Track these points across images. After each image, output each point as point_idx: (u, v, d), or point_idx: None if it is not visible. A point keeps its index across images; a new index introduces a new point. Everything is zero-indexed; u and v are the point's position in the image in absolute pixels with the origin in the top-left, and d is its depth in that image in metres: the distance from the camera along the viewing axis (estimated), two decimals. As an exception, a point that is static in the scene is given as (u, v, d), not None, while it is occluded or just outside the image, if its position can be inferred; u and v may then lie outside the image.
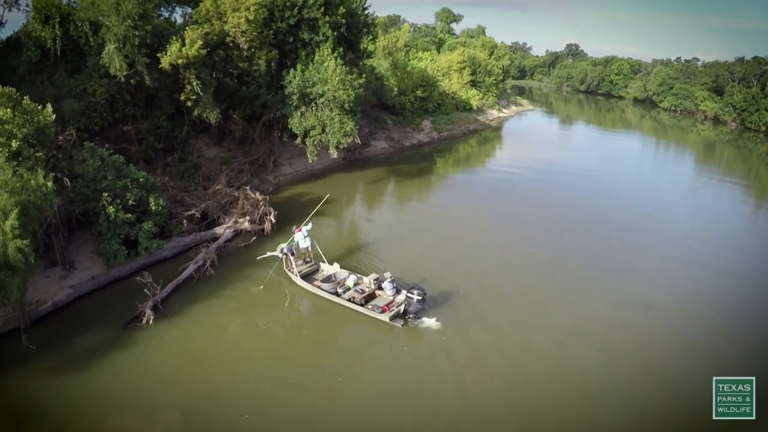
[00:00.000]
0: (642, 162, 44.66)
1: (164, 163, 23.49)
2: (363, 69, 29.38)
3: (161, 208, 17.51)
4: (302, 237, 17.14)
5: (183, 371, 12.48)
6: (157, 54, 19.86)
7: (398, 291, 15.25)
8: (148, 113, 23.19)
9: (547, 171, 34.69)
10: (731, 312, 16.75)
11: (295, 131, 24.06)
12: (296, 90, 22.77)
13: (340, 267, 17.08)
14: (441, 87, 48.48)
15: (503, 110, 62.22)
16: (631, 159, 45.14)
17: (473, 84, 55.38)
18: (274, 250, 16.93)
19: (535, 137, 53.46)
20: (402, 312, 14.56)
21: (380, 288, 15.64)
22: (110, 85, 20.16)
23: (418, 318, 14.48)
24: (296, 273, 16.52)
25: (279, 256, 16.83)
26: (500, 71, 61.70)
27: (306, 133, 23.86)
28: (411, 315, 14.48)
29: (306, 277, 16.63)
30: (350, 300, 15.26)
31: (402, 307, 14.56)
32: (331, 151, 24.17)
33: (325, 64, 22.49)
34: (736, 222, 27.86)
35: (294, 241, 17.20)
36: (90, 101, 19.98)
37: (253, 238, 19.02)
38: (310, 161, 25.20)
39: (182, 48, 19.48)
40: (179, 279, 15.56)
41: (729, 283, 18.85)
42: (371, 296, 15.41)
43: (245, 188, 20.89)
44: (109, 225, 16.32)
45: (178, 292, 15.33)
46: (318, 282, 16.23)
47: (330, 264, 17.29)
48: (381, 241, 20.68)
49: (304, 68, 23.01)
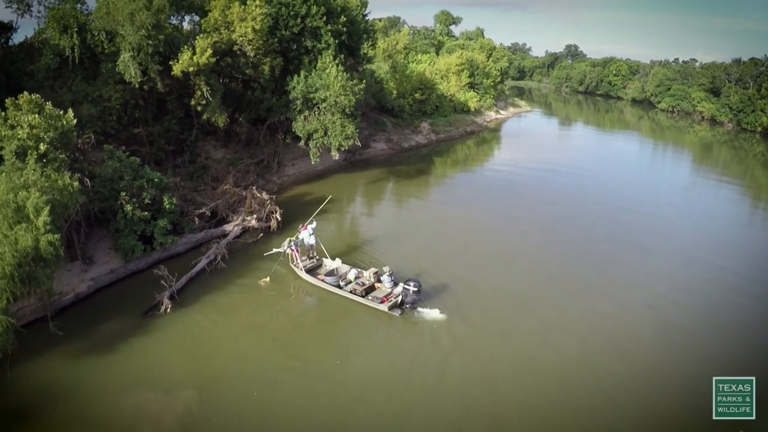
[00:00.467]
0: (639, 162, 45.40)
1: (174, 165, 24.68)
2: (363, 74, 30.56)
3: (174, 207, 18.72)
4: (307, 235, 18.32)
5: (198, 354, 13.69)
6: (170, 62, 21.06)
7: (396, 283, 16.42)
8: (159, 117, 24.40)
9: (543, 171, 35.82)
10: (731, 312, 16.94)
11: (299, 134, 25.32)
12: (300, 95, 24.03)
13: (342, 262, 18.28)
14: (439, 90, 49.58)
15: (501, 112, 63.34)
16: (628, 160, 45.85)
17: (471, 86, 56.49)
18: (280, 247, 18.13)
19: (532, 138, 54.50)
20: (399, 302, 15.73)
21: (379, 281, 16.84)
22: (125, 91, 21.36)
23: (415, 308, 15.65)
24: (301, 267, 17.70)
25: (285, 252, 18.00)
26: (498, 73, 62.80)
27: (309, 136, 25.10)
28: (408, 305, 15.65)
29: (310, 272, 17.80)
30: (352, 292, 16.44)
31: (399, 298, 15.73)
32: (333, 153, 25.39)
33: (327, 71, 23.72)
34: (735, 222, 28.38)
35: (299, 238, 18.36)
36: (106, 106, 21.18)
37: (261, 235, 20.27)
38: (313, 162, 26.43)
39: (193, 56, 20.68)
40: (193, 272, 16.80)
41: (728, 283, 19.05)
42: (371, 288, 16.60)
43: (252, 188, 22.11)
44: (127, 222, 17.52)
45: (192, 284, 16.57)
46: (321, 276, 17.43)
47: (332, 259, 18.49)
48: (380, 238, 21.86)
49: (307, 74, 24.24)
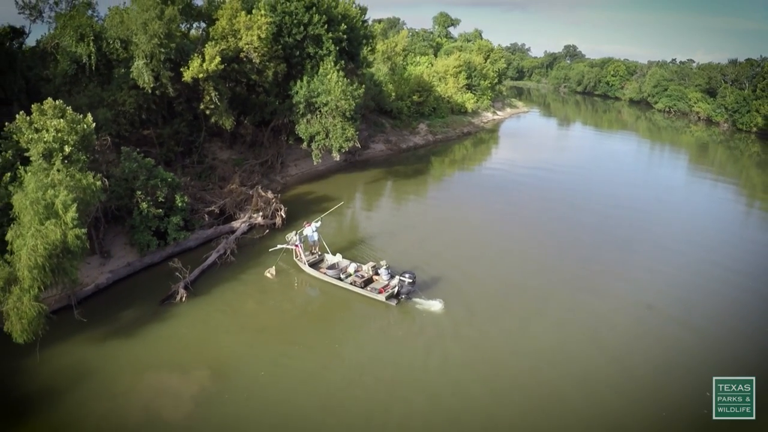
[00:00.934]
0: (634, 162, 46.27)
1: (182, 165, 25.98)
2: (362, 78, 31.84)
3: (185, 205, 20.06)
4: (311, 231, 19.62)
5: (211, 338, 15.00)
6: (180, 68, 22.35)
7: (392, 276, 17.72)
8: (169, 120, 25.71)
9: (537, 171, 37.04)
10: (731, 312, 17.12)
11: (302, 136, 26.66)
12: (303, 99, 25.38)
13: (342, 257, 19.58)
14: (437, 91, 50.81)
15: (498, 112, 64.57)
16: (623, 160, 46.73)
17: (469, 87, 57.73)
18: (284, 243, 19.45)
19: (528, 139, 55.64)
20: (396, 293, 17.02)
21: (377, 273, 18.16)
22: (138, 96, 22.67)
23: (410, 298, 16.95)
24: (305, 262, 19.01)
25: (289, 247, 19.30)
26: (495, 75, 64.03)
27: (312, 138, 26.45)
28: (403, 295, 16.95)
29: (313, 266, 19.11)
30: (351, 284, 17.75)
31: (396, 289, 17.02)
32: (334, 155, 26.73)
33: (329, 76, 25.05)
34: (734, 222, 29.03)
35: (303, 234, 19.66)
36: (120, 110, 22.47)
37: (266, 231, 21.66)
38: (315, 163, 27.77)
39: (202, 63, 21.98)
40: (205, 264, 18.16)
41: (728, 283, 19.27)
42: (369, 280, 17.92)
43: (258, 187, 23.44)
44: (142, 219, 18.84)
45: (204, 276, 17.94)
46: (323, 269, 18.75)
47: (333, 255, 19.78)
48: (378, 235, 23.18)
49: (310, 80, 25.57)
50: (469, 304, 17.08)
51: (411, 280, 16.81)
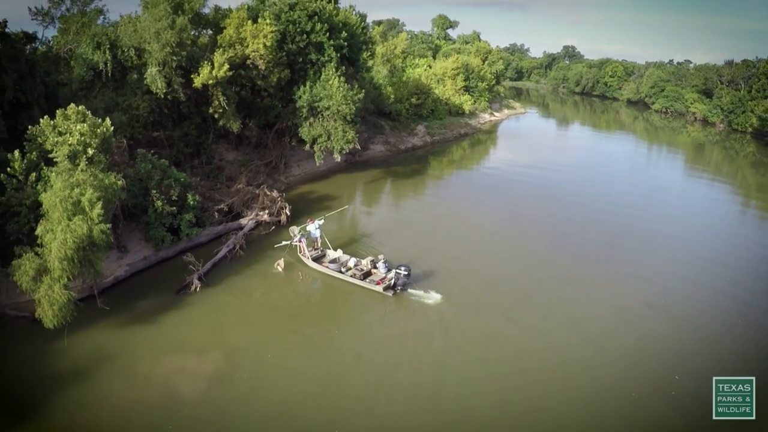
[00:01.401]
0: (631, 163, 47.03)
1: (191, 165, 27.38)
2: (362, 82, 33.25)
3: (197, 203, 21.44)
4: (314, 228, 21.00)
5: (223, 325, 16.43)
6: (191, 75, 23.75)
7: (389, 269, 19.08)
8: (179, 123, 27.11)
9: (531, 171, 38.36)
10: (731, 312, 17.22)
11: (305, 138, 28.11)
12: (306, 104, 26.83)
13: (343, 252, 20.98)
14: (435, 94, 52.11)
15: (495, 114, 65.88)
16: (617, 160, 47.69)
17: (466, 89, 59.02)
18: (288, 240, 20.86)
19: (524, 140, 56.72)
20: (392, 285, 18.40)
21: (375, 267, 19.54)
22: (151, 101, 24.08)
23: (405, 289, 18.33)
24: (308, 257, 20.42)
25: (293, 243, 20.71)
26: (492, 77, 65.32)
27: (314, 140, 27.91)
28: (399, 287, 18.35)
29: (316, 260, 20.49)
30: (351, 276, 19.16)
31: (392, 281, 18.40)
32: (336, 156, 28.17)
33: (330, 82, 26.47)
34: (730, 221, 29.58)
35: (306, 231, 21.04)
36: (134, 114, 23.87)
37: (272, 228, 23.13)
38: (317, 164, 29.20)
39: (212, 70, 23.38)
40: (216, 258, 19.60)
41: (728, 283, 19.41)
42: (368, 273, 19.33)
43: (263, 187, 24.86)
44: (157, 216, 20.24)
45: (216, 268, 19.39)
46: (326, 263, 20.16)
47: (334, 250, 21.17)
48: (377, 231, 24.58)
49: (312, 85, 26.98)
50: (461, 296, 18.43)
51: (406, 273, 18.21)
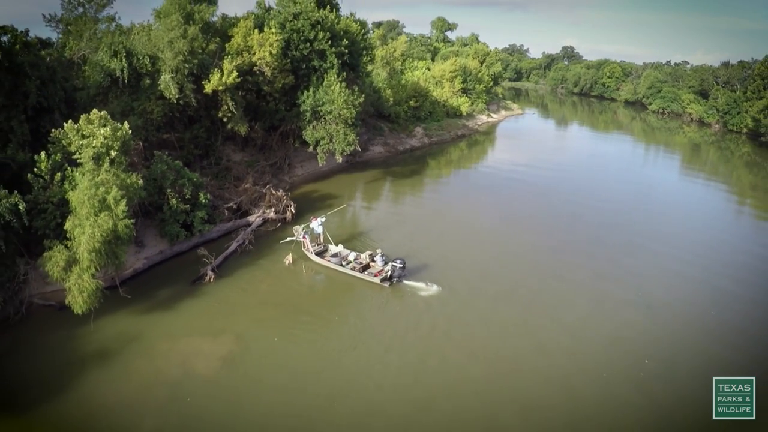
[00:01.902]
0: (625, 163, 48.24)
1: (201, 166, 28.99)
2: (362, 86, 34.86)
3: (208, 201, 23.07)
4: (317, 225, 22.62)
5: (234, 312, 18.07)
6: (202, 81, 25.36)
7: (386, 262, 20.72)
8: (189, 126, 28.72)
9: (525, 171, 39.98)
10: (731, 312, 17.40)
11: (308, 141, 29.76)
12: (309, 108, 28.48)
13: (344, 247, 22.59)
14: (433, 96, 53.62)
15: (492, 115, 67.38)
16: (612, 160, 48.95)
17: (464, 91, 60.53)
18: (293, 236, 22.50)
19: (520, 141, 58.18)
20: (389, 276, 20.03)
21: (373, 260, 21.18)
22: (164, 105, 25.66)
23: (401, 281, 19.94)
24: (311, 251, 22.05)
25: (297, 239, 22.33)
26: (490, 79, 66.82)
27: (317, 142, 29.55)
28: (395, 278, 19.97)
29: (318, 255, 22.12)
30: (351, 269, 20.79)
31: (389, 273, 20.03)
32: (337, 157, 29.81)
33: (332, 87, 28.10)
34: (726, 220, 30.45)
35: (310, 227, 22.66)
36: (148, 117, 25.47)
37: (278, 224, 24.85)
38: (320, 164, 30.84)
39: (221, 77, 24.99)
40: (227, 252, 21.28)
41: (728, 283, 19.72)
42: (367, 266, 20.96)
43: (270, 186, 26.49)
44: (172, 213, 21.86)
45: (227, 262, 21.06)
46: (327, 257, 21.80)
47: (336, 245, 22.79)
48: (375, 228, 26.23)
49: (315, 90, 28.60)
50: (451, 287, 20.01)
51: (402, 266, 19.84)
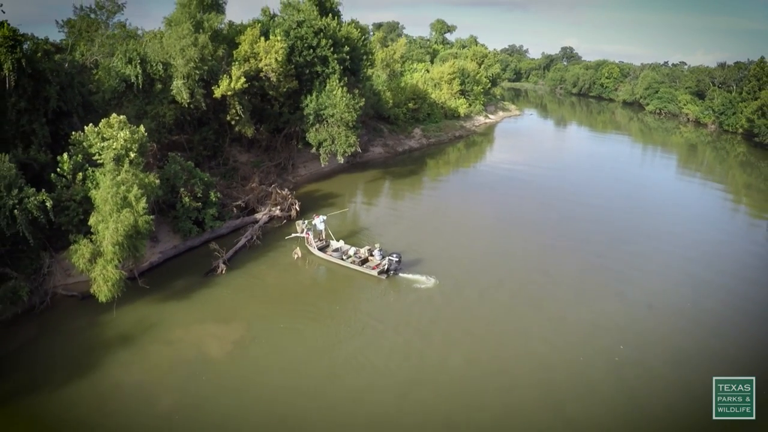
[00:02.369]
0: (623, 164, 49.33)
1: (209, 166, 30.62)
2: (363, 90, 36.46)
3: (218, 199, 24.70)
4: (319, 222, 24.24)
5: (244, 301, 19.73)
6: (211, 86, 26.98)
7: (383, 256, 22.34)
8: (198, 128, 30.36)
9: (518, 170, 41.54)
10: (731, 312, 17.63)
11: (311, 142, 31.40)
12: (312, 112, 30.11)
13: (344, 243, 24.21)
14: (431, 98, 55.05)
15: (490, 116, 68.83)
16: (604, 160, 50.15)
17: (462, 93, 61.99)
18: (297, 230, 24.14)
19: (516, 141, 59.58)
20: (386, 269, 21.64)
21: (371, 255, 22.81)
22: (176, 109, 27.30)
23: (397, 273, 21.55)
24: (314, 246, 23.68)
25: (301, 235, 23.96)
26: (488, 80, 68.27)
27: (320, 144, 31.17)
28: (391, 271, 21.59)
29: (320, 250, 23.74)
30: (351, 263, 22.41)
31: (386, 266, 21.65)
32: (339, 158, 31.45)
33: (334, 92, 29.72)
34: (722, 220, 31.29)
35: (312, 224, 24.27)
36: (161, 121, 27.10)
37: (284, 221, 26.56)
38: (322, 165, 32.50)
39: (230, 82, 26.62)
40: (237, 246, 22.96)
41: (728, 283, 20.04)
42: (365, 260, 22.59)
43: (275, 186, 28.14)
44: (184, 210, 23.51)
45: (237, 255, 22.74)
46: (329, 252, 23.42)
47: (337, 241, 24.40)
48: (374, 225, 27.90)
49: (318, 94, 30.22)
50: (444, 278, 21.60)
51: (397, 259, 21.49)
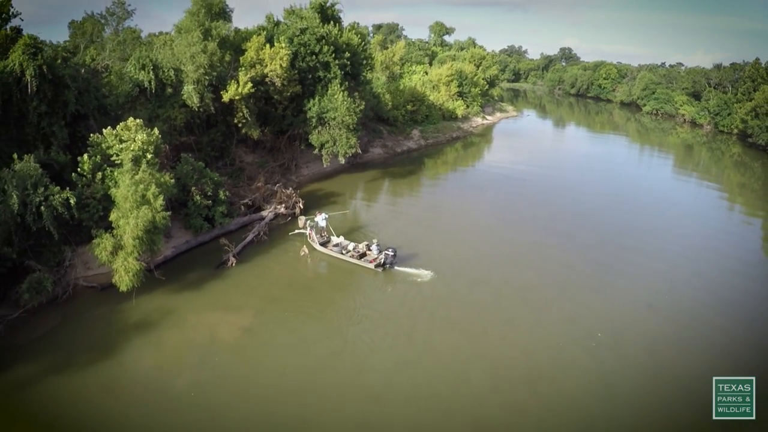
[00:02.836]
0: (620, 164, 50.51)
1: (217, 167, 32.30)
2: (363, 93, 38.14)
3: (226, 197, 26.40)
4: (321, 219, 25.93)
5: (253, 292, 21.43)
6: (220, 91, 28.67)
7: (380, 251, 24.01)
8: (206, 130, 32.05)
9: (513, 170, 43.16)
10: (731, 312, 17.80)
11: (314, 144, 33.11)
12: (315, 115, 31.80)
13: (344, 238, 25.90)
14: (429, 100, 56.62)
15: (487, 117, 70.37)
16: (604, 162, 51.38)
17: (460, 95, 63.53)
18: (300, 225, 25.87)
19: (513, 141, 61.16)
20: (382, 263, 23.32)
21: (369, 249, 24.50)
22: (186, 112, 28.99)
23: (392, 267, 23.23)
24: (316, 242, 25.39)
25: (304, 231, 25.68)
26: (485, 82, 69.79)
27: (322, 146, 32.86)
28: (388, 265, 23.29)
29: (322, 245, 25.44)
30: (350, 257, 24.11)
31: (382, 260, 23.33)
32: (340, 159, 33.16)
33: (336, 96, 31.41)
34: (720, 219, 32.11)
35: (314, 221, 25.96)
36: (172, 123, 28.80)
37: (288, 219, 28.31)
38: (324, 165, 34.21)
39: (238, 87, 28.31)
40: (245, 241, 24.69)
41: (728, 283, 20.29)
42: (363, 254, 24.28)
43: (280, 185, 29.85)
44: (195, 207, 25.20)
45: (245, 250, 24.44)
46: (330, 247, 25.13)
47: (337, 237, 26.10)
48: (373, 222, 29.59)
49: (320, 98, 31.92)
50: (437, 271, 23.19)
51: (393, 254, 23.21)
